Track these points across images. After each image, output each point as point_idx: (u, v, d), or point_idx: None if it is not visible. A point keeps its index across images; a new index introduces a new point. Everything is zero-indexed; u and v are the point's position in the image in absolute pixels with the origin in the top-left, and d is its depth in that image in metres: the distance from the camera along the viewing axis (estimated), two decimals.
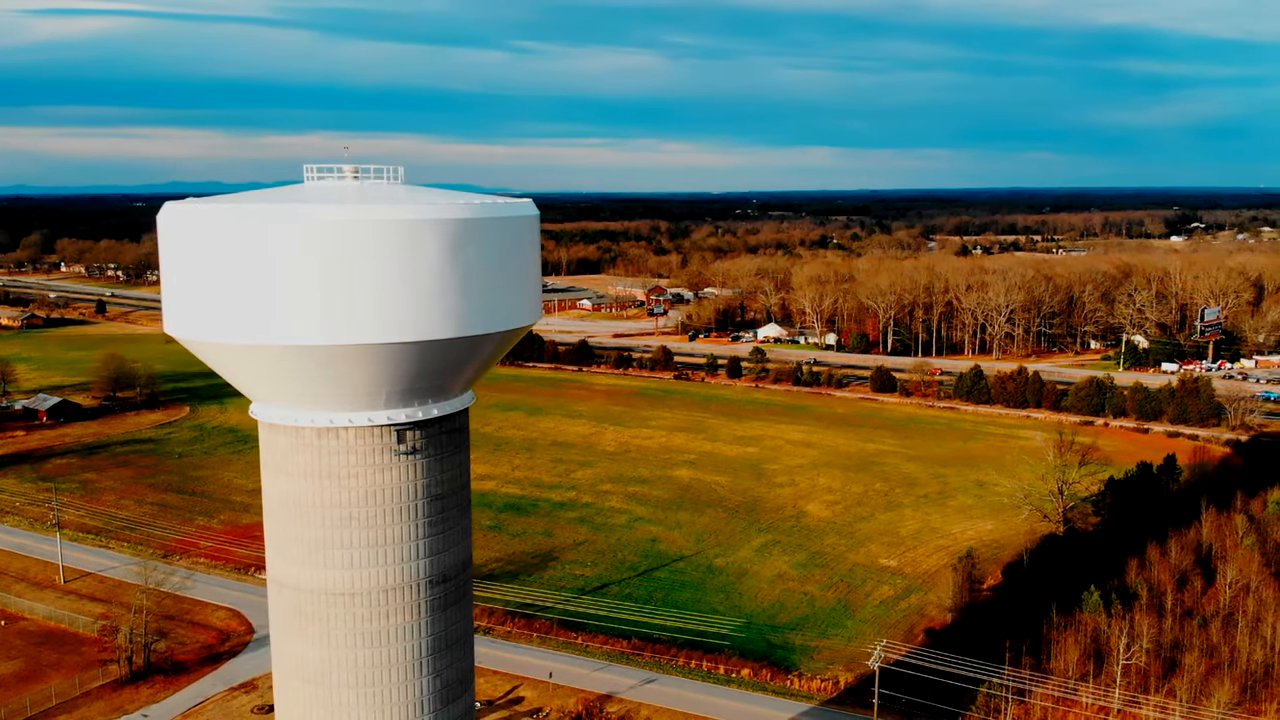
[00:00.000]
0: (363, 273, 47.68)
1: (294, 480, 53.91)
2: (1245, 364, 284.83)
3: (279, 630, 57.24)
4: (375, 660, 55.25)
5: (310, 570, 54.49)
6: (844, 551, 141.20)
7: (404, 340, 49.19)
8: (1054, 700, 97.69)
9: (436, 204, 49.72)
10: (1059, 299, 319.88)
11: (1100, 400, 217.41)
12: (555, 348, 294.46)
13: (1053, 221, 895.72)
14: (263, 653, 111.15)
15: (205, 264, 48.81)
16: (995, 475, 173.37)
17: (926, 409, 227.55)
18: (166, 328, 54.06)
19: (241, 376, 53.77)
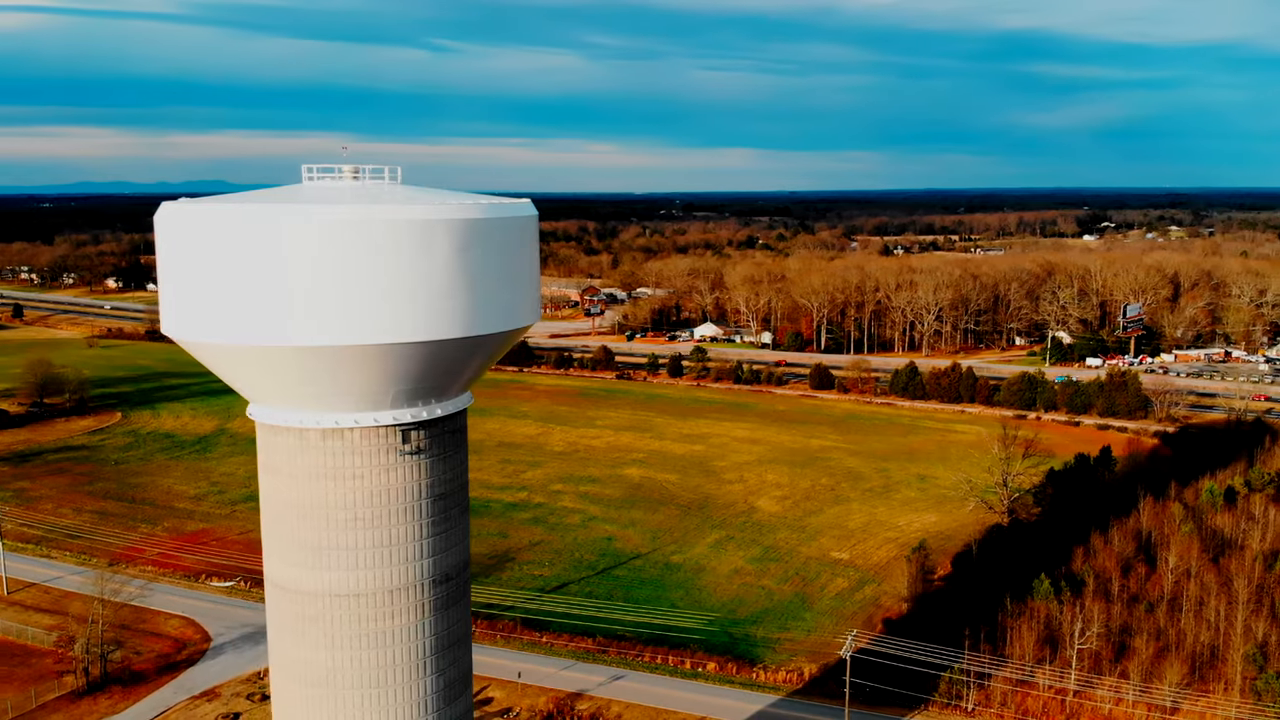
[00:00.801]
0: (376, 272, 47.72)
1: (297, 482, 53.58)
2: (1165, 358, 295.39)
3: (278, 634, 56.76)
4: (380, 661, 55.22)
5: (313, 573, 54.21)
6: (796, 545, 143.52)
7: (415, 340, 49.34)
8: (1013, 685, 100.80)
9: (447, 204, 49.96)
10: (985, 297, 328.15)
11: (1032, 395, 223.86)
12: None
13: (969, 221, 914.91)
14: (222, 660, 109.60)
15: (211, 265, 48.23)
16: (938, 469, 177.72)
17: (865, 405, 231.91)
18: (165, 329, 53.43)
19: (244, 378, 53.14)
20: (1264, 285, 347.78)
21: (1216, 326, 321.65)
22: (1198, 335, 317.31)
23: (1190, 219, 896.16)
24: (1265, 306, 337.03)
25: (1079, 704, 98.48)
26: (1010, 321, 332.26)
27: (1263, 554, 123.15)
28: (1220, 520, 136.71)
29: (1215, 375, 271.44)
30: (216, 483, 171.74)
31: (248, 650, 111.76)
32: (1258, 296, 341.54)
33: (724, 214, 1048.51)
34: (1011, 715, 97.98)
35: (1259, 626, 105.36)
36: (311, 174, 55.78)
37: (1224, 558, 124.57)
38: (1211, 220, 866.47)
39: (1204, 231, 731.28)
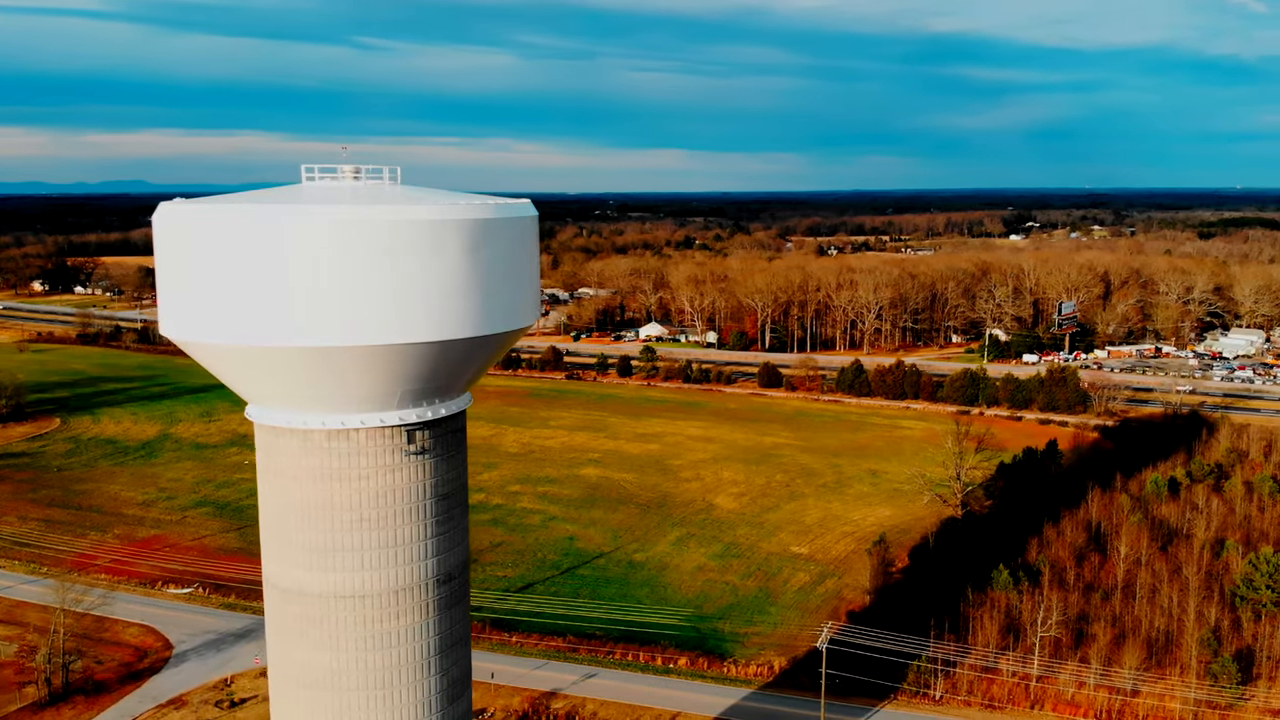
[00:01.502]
0: (389, 272, 47.71)
1: (301, 484, 53.29)
2: (1099, 354, 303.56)
3: (279, 637, 56.32)
4: (385, 662, 55.11)
5: (318, 574, 53.94)
6: (757, 541, 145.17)
7: (426, 340, 49.40)
8: (978, 672, 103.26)
9: (457, 204, 50.08)
10: (923, 296, 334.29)
11: (974, 391, 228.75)
12: None
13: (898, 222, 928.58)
14: (186, 668, 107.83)
15: (217, 265, 47.71)
16: (888, 464, 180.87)
17: (813, 403, 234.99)
18: (164, 330, 52.71)
19: (248, 380, 52.65)
20: (1190, 283, 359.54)
21: (1147, 323, 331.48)
22: (1129, 332, 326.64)
23: (1112, 218, 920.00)
24: (1192, 304, 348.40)
25: (1042, 689, 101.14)
26: (948, 320, 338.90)
27: (1209, 542, 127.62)
28: (1165, 510, 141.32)
29: (1148, 370, 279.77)
30: (165, 489, 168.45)
31: (211, 657, 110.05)
32: (1185, 294, 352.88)
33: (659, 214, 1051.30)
34: (978, 702, 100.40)
35: (1210, 612, 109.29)
36: (312, 174, 55.46)
37: (1172, 546, 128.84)
38: (1132, 220, 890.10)
39: (1126, 231, 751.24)
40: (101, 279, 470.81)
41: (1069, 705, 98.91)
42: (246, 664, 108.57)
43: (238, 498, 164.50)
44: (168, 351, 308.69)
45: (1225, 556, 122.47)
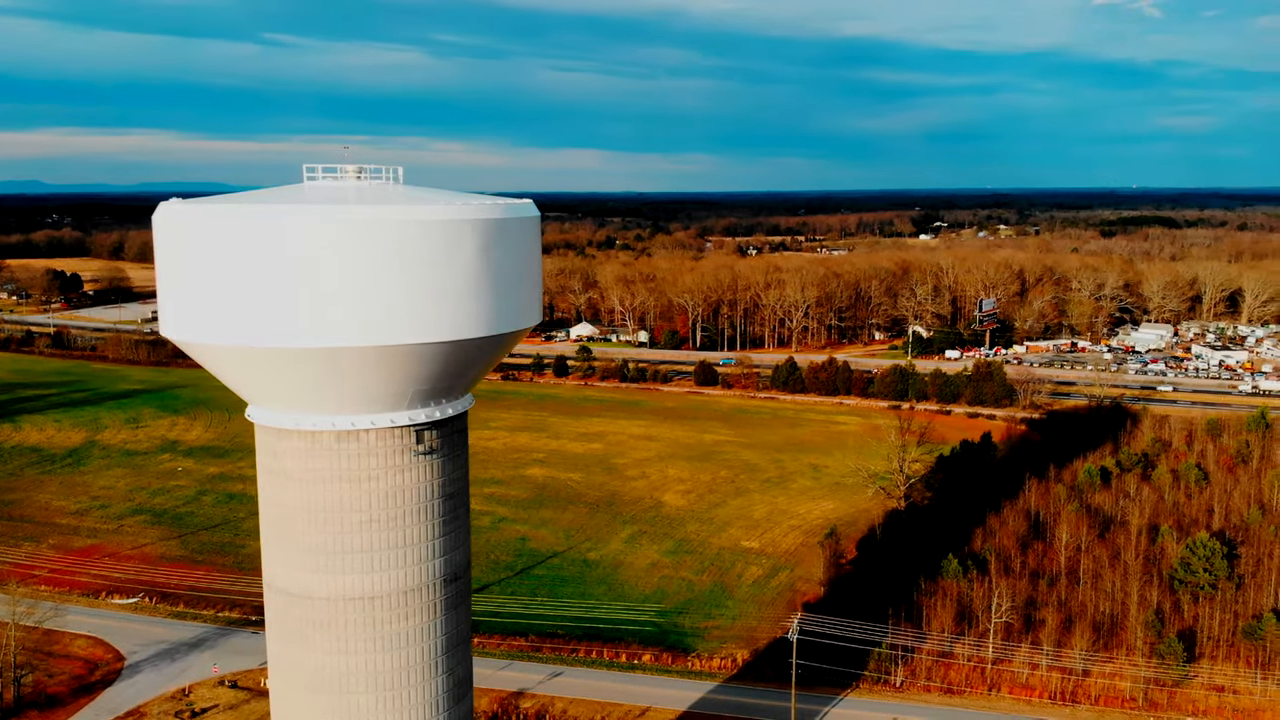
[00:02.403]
0: (406, 272, 47.70)
1: (309, 486, 52.86)
2: (1018, 349, 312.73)
3: (282, 642, 55.74)
4: (394, 664, 54.98)
5: (326, 577, 53.55)
6: (707, 537, 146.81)
7: (441, 340, 49.49)
8: (936, 658, 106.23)
9: (470, 204, 50.27)
10: (848, 294, 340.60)
11: (904, 386, 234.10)
12: None
13: (812, 222, 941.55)
14: (140, 679, 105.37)
15: (225, 266, 47.15)
16: (827, 459, 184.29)
17: (750, 400, 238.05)
18: (166, 331, 51.94)
19: (254, 381, 52.13)
20: (1101, 279, 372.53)
21: (1062, 319, 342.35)
22: (1046, 327, 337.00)
23: (1016, 218, 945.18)
24: (1104, 300, 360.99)
25: (998, 673, 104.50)
26: (871, 317, 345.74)
27: (1143, 528, 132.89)
28: (1099, 499, 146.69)
29: (1066, 365, 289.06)
30: (98, 497, 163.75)
31: (166, 668, 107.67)
32: (1096, 290, 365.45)
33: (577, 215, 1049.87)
34: (937, 688, 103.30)
35: (1152, 595, 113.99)
36: (315, 174, 55.02)
37: (1109, 533, 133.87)
38: (1036, 219, 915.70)
39: (1030, 230, 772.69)
40: (7, 281, 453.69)
41: (1024, 688, 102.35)
42: (204, 673, 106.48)
43: (174, 505, 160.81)
44: (84, 357, 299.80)
45: (1160, 542, 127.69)
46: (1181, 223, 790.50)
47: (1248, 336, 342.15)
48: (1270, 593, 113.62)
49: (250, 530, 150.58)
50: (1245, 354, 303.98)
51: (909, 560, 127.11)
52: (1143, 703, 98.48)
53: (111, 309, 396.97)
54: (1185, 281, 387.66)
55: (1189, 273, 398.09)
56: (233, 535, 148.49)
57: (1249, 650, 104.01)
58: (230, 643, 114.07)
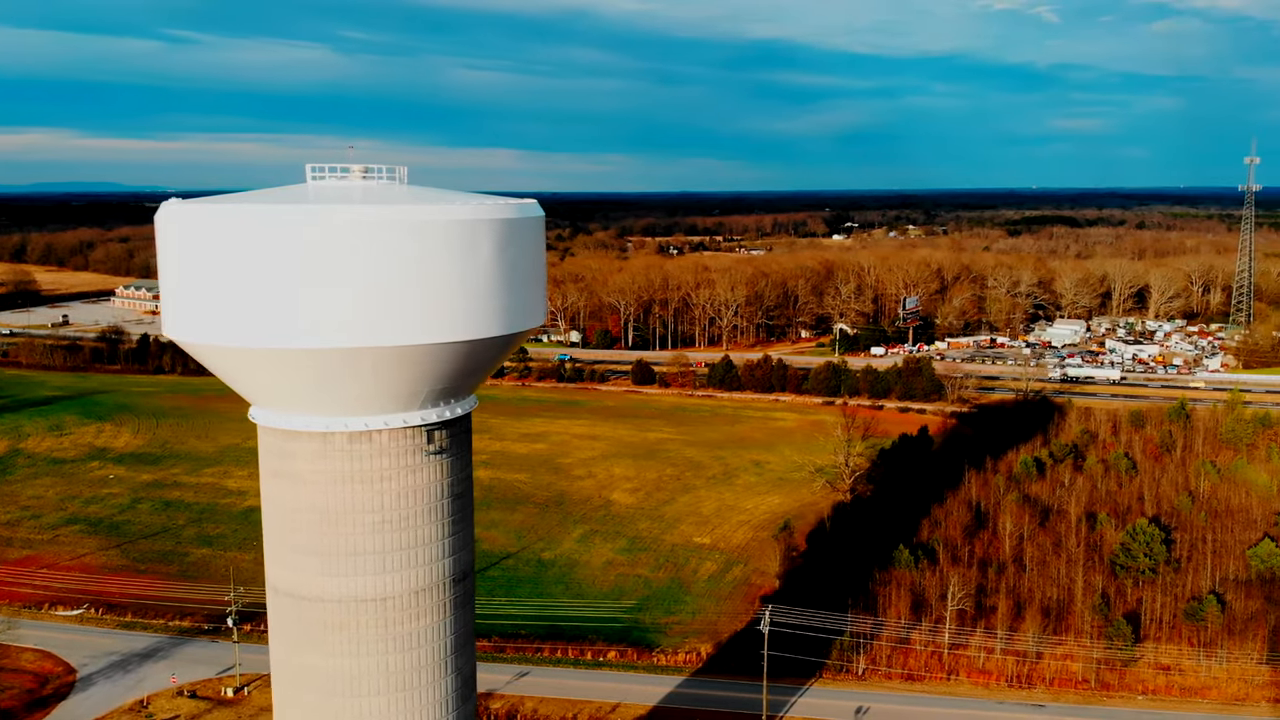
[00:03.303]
0: (426, 271, 47.82)
1: (320, 488, 52.55)
2: (939, 345, 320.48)
3: (291, 647, 55.25)
4: (406, 664, 55.00)
5: (338, 580, 53.33)
6: (659, 534, 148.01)
7: (459, 340, 49.68)
8: (895, 646, 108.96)
9: (485, 204, 50.58)
10: (776, 294, 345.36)
11: (837, 382, 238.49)
12: None
13: (728, 223, 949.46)
14: (95, 692, 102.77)
15: (238, 267, 46.69)
16: (769, 454, 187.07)
17: (689, 398, 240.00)
18: (174, 333, 51.22)
19: (264, 382, 51.57)
20: (1016, 277, 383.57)
21: (981, 315, 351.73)
22: (966, 324, 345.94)
23: (923, 218, 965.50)
24: (1020, 297, 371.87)
25: (955, 659, 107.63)
26: (798, 315, 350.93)
27: (1081, 516, 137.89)
28: (1036, 489, 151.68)
29: (986, 360, 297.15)
30: (27, 507, 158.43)
31: (120, 679, 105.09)
32: (1012, 287, 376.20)
33: None
34: (898, 675, 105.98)
35: (1096, 580, 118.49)
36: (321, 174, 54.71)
37: (1049, 521, 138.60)
38: (943, 219, 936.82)
39: (938, 229, 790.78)
40: None
41: (981, 673, 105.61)
42: (160, 684, 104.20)
43: (110, 514, 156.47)
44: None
45: (1099, 529, 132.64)
46: (1082, 221, 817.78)
47: (1156, 331, 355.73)
48: (1207, 575, 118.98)
49: (191, 538, 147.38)
50: (1156, 348, 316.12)
51: (860, 551, 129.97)
52: (1095, 684, 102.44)
53: (20, 313, 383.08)
54: (1096, 278, 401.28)
55: (1099, 270, 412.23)
56: (174, 543, 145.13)
57: (1190, 630, 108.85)
58: (185, 652, 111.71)
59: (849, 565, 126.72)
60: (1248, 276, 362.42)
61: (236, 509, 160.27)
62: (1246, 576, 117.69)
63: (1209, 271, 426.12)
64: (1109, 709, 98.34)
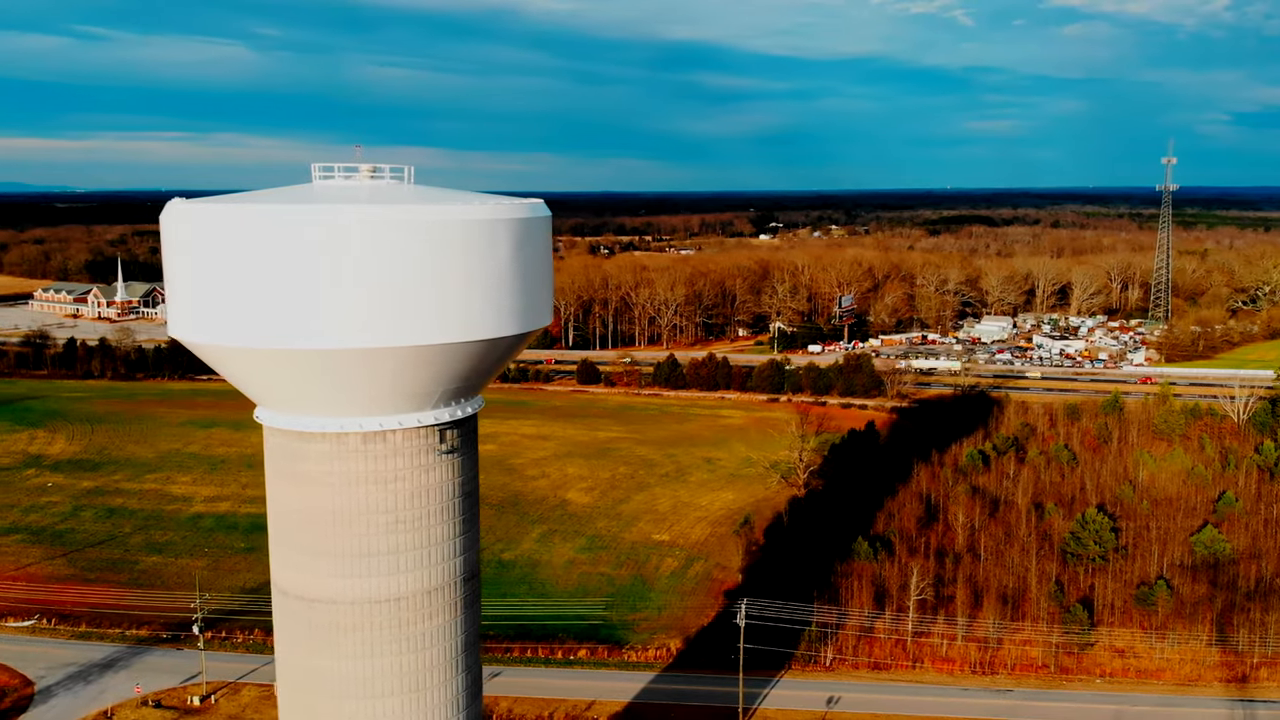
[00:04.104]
0: (446, 270, 48.06)
1: (333, 489, 52.43)
2: (874, 343, 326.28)
3: (300, 650, 54.97)
4: (419, 664, 55.14)
5: (353, 581, 53.25)
6: (618, 532, 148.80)
7: (477, 339, 50.00)
8: (859, 634, 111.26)
9: (503, 204, 51.01)
10: (715, 293, 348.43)
11: (780, 379, 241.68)
12: None
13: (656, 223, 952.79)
14: (56, 704, 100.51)
15: (259, 267, 46.39)
16: (720, 451, 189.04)
17: (635, 397, 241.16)
18: (183, 334, 50.71)
19: (277, 384, 51.22)
20: (944, 275, 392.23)
21: (913, 313, 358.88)
22: (898, 321, 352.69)
23: (845, 218, 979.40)
24: (948, 294, 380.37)
25: (919, 648, 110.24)
26: (736, 314, 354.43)
27: (1029, 507, 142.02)
28: (983, 480, 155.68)
29: (919, 356, 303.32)
30: None
31: (81, 691, 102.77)
32: (941, 285, 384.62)
33: None
34: (865, 665, 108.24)
35: (1050, 568, 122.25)
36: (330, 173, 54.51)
37: (999, 512, 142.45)
38: (864, 219, 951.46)
39: (860, 229, 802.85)
40: None
41: (945, 660, 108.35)
42: (124, 694, 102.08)
43: (52, 522, 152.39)
44: None
45: (1048, 519, 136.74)
46: (999, 221, 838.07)
47: (1079, 327, 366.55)
48: (1154, 561, 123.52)
49: (139, 546, 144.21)
50: (1082, 343, 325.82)
51: (819, 544, 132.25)
52: (1054, 668, 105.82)
53: None
54: (1020, 276, 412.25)
55: (1023, 268, 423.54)
56: (122, 552, 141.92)
57: (1141, 615, 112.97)
58: (146, 661, 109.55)
59: (809, 558, 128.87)
60: (1166, 273, 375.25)
61: (183, 515, 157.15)
62: (1192, 562, 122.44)
63: (1127, 269, 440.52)
64: (1070, 692, 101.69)
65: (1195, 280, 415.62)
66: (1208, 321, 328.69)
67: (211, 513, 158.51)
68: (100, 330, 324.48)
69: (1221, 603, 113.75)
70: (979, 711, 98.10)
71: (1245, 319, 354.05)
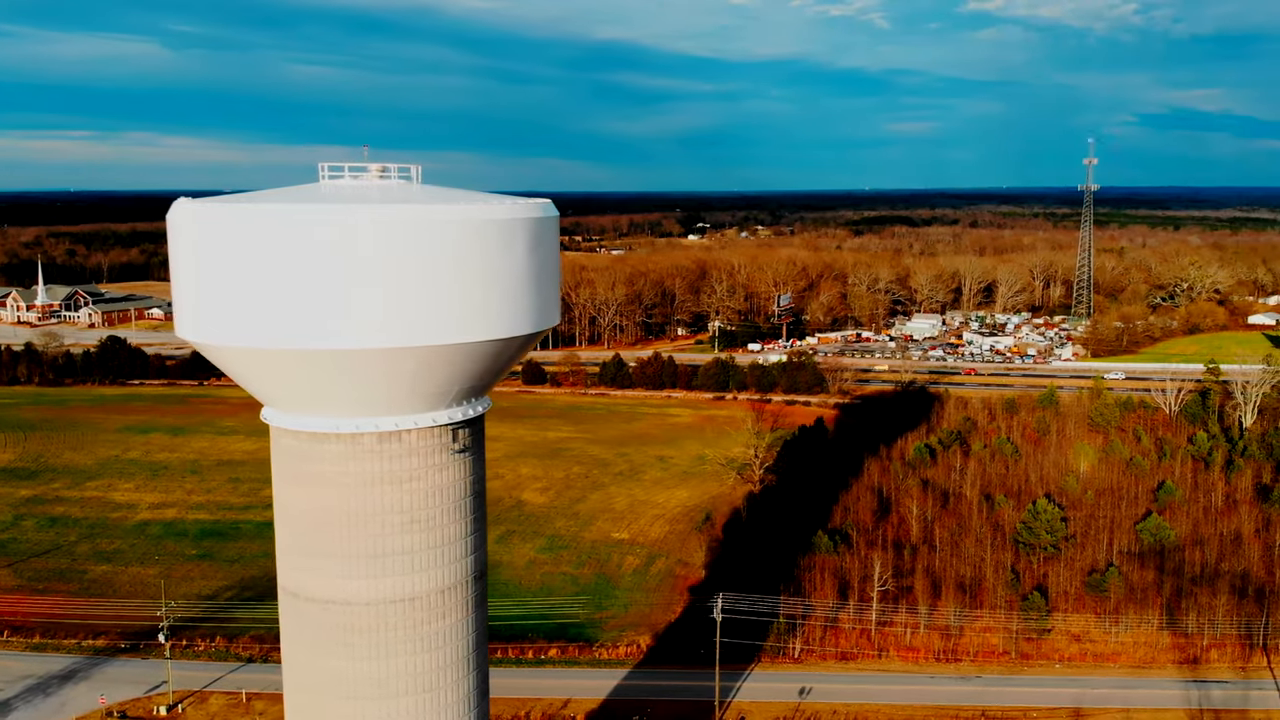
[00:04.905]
0: (465, 270, 48.39)
1: (348, 490, 52.34)
2: (810, 341, 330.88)
3: (312, 653, 54.73)
4: (432, 664, 55.36)
5: (368, 582, 53.22)
6: (578, 532, 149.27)
7: (496, 338, 50.41)
8: (825, 627, 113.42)
9: (519, 204, 51.48)
10: (655, 292, 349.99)
11: (725, 377, 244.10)
12: (162, 362, 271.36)
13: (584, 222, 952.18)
14: (16, 717, 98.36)
15: (278, 268, 46.19)
16: (672, 449, 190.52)
17: (582, 397, 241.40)
18: (192, 335, 50.18)
19: (292, 385, 51.00)
20: (875, 274, 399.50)
21: (847, 311, 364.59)
22: (834, 320, 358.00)
23: (769, 219, 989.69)
24: (880, 292, 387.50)
25: (883, 638, 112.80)
26: (676, 314, 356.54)
27: (979, 499, 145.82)
28: (932, 474, 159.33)
29: (855, 353, 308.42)
30: None
31: (41, 703, 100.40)
32: (872, 284, 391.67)
33: None
34: (832, 655, 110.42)
35: (1005, 557, 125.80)
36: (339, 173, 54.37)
37: (950, 504, 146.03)
38: (788, 220, 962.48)
39: (786, 229, 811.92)
40: None
41: (909, 649, 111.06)
42: (88, 705, 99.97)
43: None
44: None
45: (998, 509, 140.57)
46: (918, 221, 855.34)
47: (1006, 324, 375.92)
48: (1103, 549, 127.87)
49: (87, 554, 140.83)
50: (1011, 339, 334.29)
51: (780, 539, 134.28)
52: (1015, 655, 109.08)
53: None
54: (948, 275, 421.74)
55: (950, 267, 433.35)
56: (69, 561, 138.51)
57: (1094, 601, 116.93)
58: (106, 672, 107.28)
59: (771, 552, 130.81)
60: (1088, 271, 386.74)
61: (129, 523, 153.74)
62: (1139, 549, 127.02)
63: (1049, 267, 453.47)
64: (1032, 677, 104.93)
65: (1115, 277, 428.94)
66: (1130, 317, 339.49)
67: (159, 520, 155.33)
68: (22, 335, 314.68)
69: (1169, 588, 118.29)
70: (947, 698, 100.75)
71: (1165, 315, 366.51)
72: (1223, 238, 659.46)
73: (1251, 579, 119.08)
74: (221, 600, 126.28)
